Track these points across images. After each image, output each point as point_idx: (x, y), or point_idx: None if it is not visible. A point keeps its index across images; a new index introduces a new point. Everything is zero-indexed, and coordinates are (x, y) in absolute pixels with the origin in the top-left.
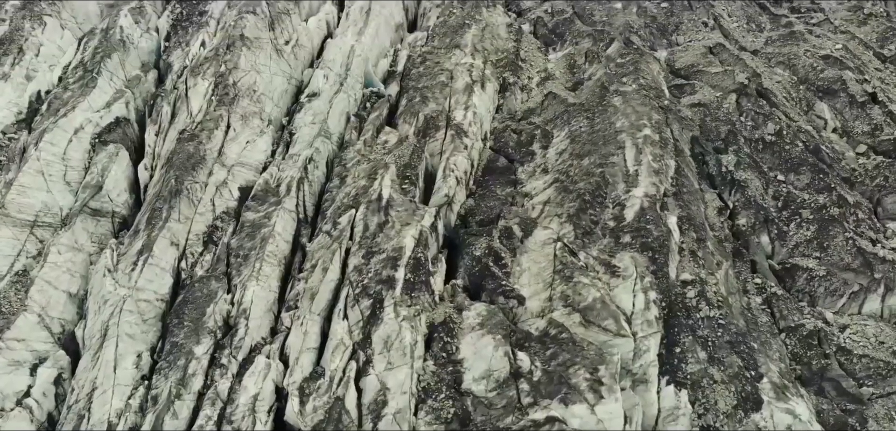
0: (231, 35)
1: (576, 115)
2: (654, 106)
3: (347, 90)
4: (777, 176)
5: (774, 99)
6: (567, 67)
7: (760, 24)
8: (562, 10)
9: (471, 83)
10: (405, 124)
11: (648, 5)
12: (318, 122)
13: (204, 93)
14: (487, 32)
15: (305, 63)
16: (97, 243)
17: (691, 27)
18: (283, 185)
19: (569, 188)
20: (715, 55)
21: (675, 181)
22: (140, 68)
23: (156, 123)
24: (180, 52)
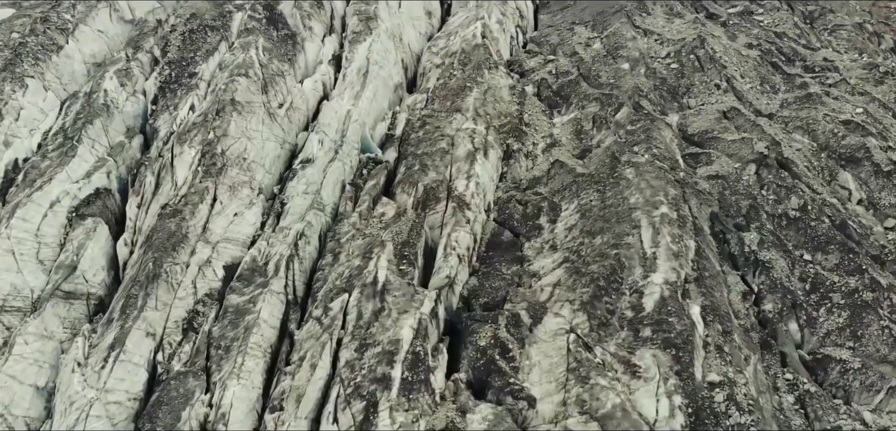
0: (221, 99)
1: (585, 186)
2: (669, 179)
3: (343, 158)
4: (803, 256)
5: (796, 169)
6: (574, 133)
7: (775, 86)
8: (566, 71)
9: (473, 151)
10: (404, 194)
11: (657, 67)
12: (312, 192)
13: (190, 163)
14: (489, 95)
15: (300, 126)
16: (70, 329)
17: (703, 89)
18: (271, 263)
19: (581, 270)
20: (730, 120)
21: (695, 264)
22: (125, 134)
23: (138, 195)
24: (168, 117)
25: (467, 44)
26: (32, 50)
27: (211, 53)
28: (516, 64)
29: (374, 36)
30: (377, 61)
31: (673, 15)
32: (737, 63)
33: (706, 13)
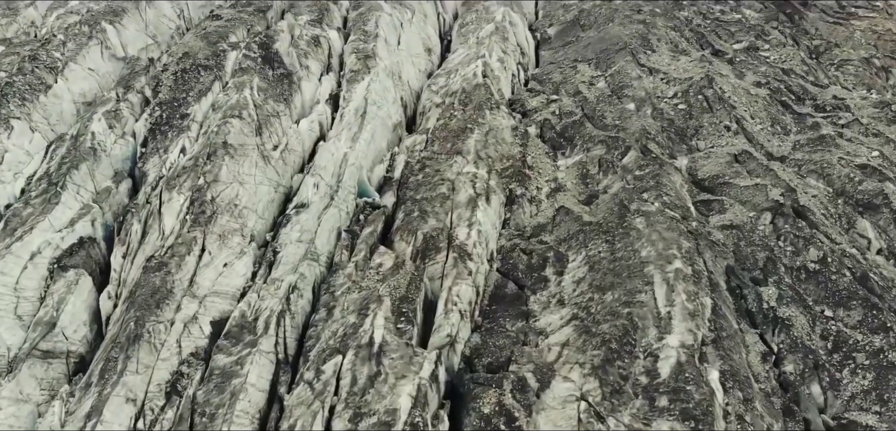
0: (213, 142)
1: (593, 236)
2: (682, 230)
3: (339, 203)
4: (824, 311)
5: (813, 218)
6: (579, 177)
7: (786, 126)
8: (570, 111)
9: (474, 196)
10: (402, 242)
11: (664, 107)
12: (306, 240)
13: (178, 210)
14: (491, 137)
15: (295, 168)
16: (48, 390)
17: (712, 131)
18: (261, 319)
19: (591, 330)
20: (741, 164)
21: (712, 324)
22: (112, 178)
23: (124, 244)
24: (157, 160)
25: (468, 83)
26: (19, 90)
27: (204, 94)
28: (518, 103)
29: (373, 75)
30: (375, 101)
31: (678, 52)
32: (746, 103)
33: (712, 50)
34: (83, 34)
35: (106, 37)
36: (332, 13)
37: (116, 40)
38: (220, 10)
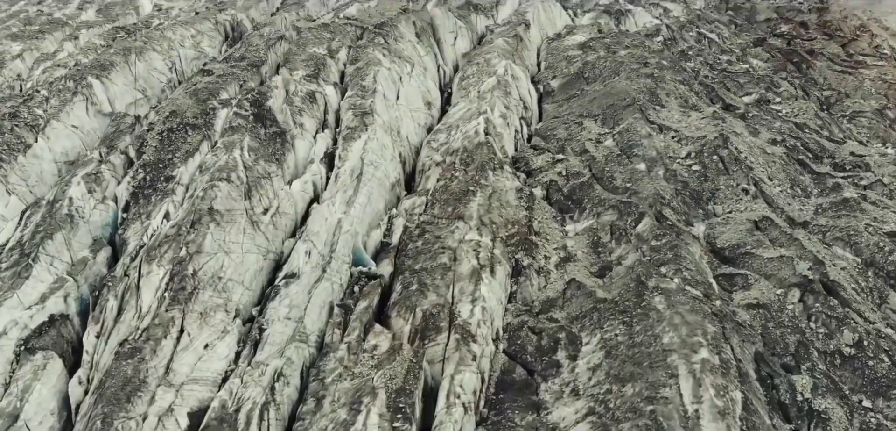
0: (198, 209)
1: (609, 316)
2: (706, 312)
3: (331, 275)
4: (863, 401)
5: (845, 294)
6: (590, 245)
7: (806, 188)
8: (577, 172)
9: (478, 268)
10: (400, 319)
11: (677, 168)
12: (295, 318)
13: (156, 286)
14: (495, 200)
15: (287, 232)
16: None
17: (730, 194)
18: (243, 411)
19: (610, 429)
20: (763, 232)
21: (744, 421)
22: (90, 246)
23: (98, 322)
24: (139, 227)
25: (469, 141)
26: None
27: (191, 154)
28: (522, 161)
29: (370, 132)
30: (373, 161)
31: (689, 107)
32: (763, 163)
33: (722, 104)
34: (68, 90)
35: (92, 92)
36: (329, 68)
37: (103, 95)
38: (213, 64)
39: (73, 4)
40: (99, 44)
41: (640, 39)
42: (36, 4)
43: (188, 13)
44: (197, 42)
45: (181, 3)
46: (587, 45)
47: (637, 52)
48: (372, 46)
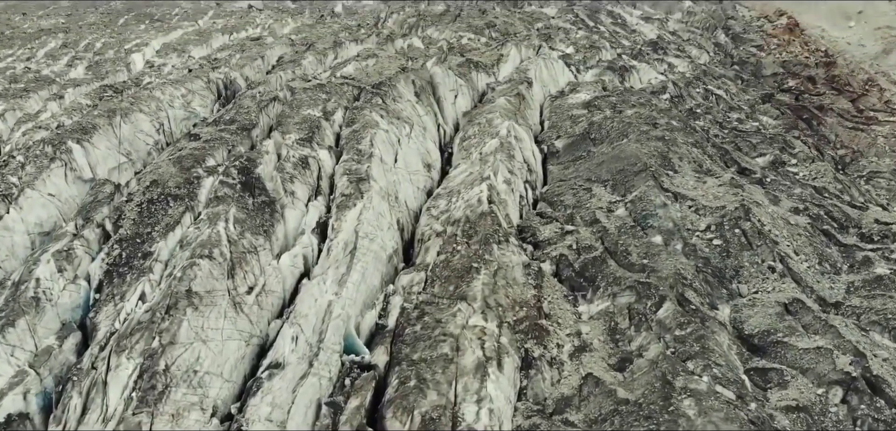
0: (175, 291)
1: (632, 421)
2: (742, 420)
3: (319, 370)
4: None
5: (890, 391)
6: (607, 332)
7: (834, 263)
8: (589, 245)
9: (484, 360)
10: (396, 422)
11: (697, 243)
12: (277, 420)
13: (124, 384)
14: (500, 278)
15: (273, 312)
16: None
17: (755, 272)
18: None
19: None
20: (794, 316)
21: None
22: (57, 332)
23: (60, 422)
24: (112, 310)
25: (472, 210)
26: None
27: (171, 228)
28: (529, 231)
29: (366, 201)
30: (368, 233)
31: (703, 172)
32: (788, 236)
33: (737, 168)
34: (46, 155)
35: (72, 157)
36: (324, 131)
37: (83, 161)
38: (200, 128)
39: (63, 61)
40: (84, 104)
41: (647, 97)
42: (24, 61)
43: (181, 70)
44: (187, 102)
45: (175, 59)
46: (592, 104)
47: (644, 111)
48: (369, 107)
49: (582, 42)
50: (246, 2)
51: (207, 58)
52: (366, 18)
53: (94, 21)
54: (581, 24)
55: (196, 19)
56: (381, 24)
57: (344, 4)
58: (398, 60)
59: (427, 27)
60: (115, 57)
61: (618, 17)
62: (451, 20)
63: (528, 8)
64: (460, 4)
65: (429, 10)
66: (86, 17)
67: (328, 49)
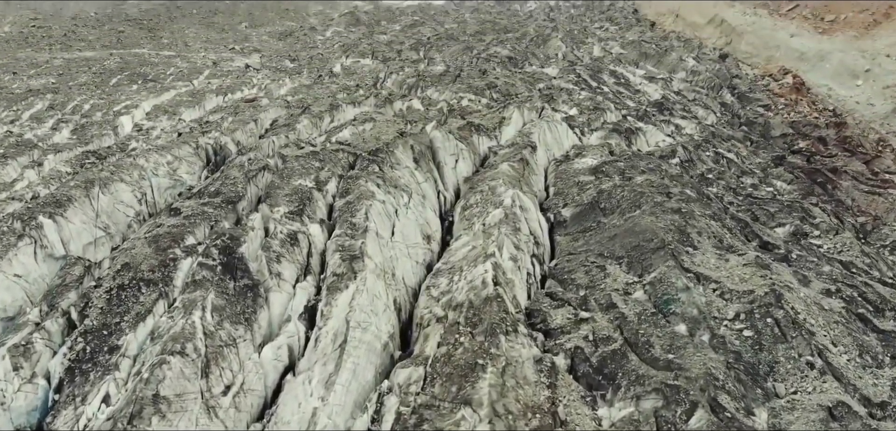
0: (141, 397)
1: None
2: None
3: None
4: None
5: None
6: None
7: (875, 354)
8: (607, 335)
9: None
10: None
11: (726, 334)
12: None
13: None
14: (509, 376)
15: (253, 414)
16: None
17: (792, 368)
18: None
19: None
20: (839, 422)
21: None
22: None
23: None
24: (71, 414)
25: (476, 293)
26: None
27: (142, 318)
28: (538, 316)
29: (359, 282)
30: (361, 322)
31: (724, 248)
32: (824, 324)
33: (759, 242)
34: (13, 232)
35: (42, 233)
36: (316, 202)
37: (56, 236)
38: (182, 202)
39: (48, 123)
40: (64, 172)
41: (656, 162)
42: (8, 124)
43: (170, 134)
44: (173, 169)
45: (165, 122)
46: (600, 170)
47: (655, 177)
48: (365, 176)
49: (586, 103)
50: (243, 61)
51: (199, 121)
52: (365, 79)
53: (86, 81)
54: (584, 85)
55: (191, 79)
56: (380, 84)
57: (343, 64)
58: (396, 124)
59: (427, 88)
60: (103, 120)
61: (621, 77)
62: (450, 81)
63: (529, 68)
64: (460, 65)
65: (428, 70)
66: (78, 76)
67: (324, 112)
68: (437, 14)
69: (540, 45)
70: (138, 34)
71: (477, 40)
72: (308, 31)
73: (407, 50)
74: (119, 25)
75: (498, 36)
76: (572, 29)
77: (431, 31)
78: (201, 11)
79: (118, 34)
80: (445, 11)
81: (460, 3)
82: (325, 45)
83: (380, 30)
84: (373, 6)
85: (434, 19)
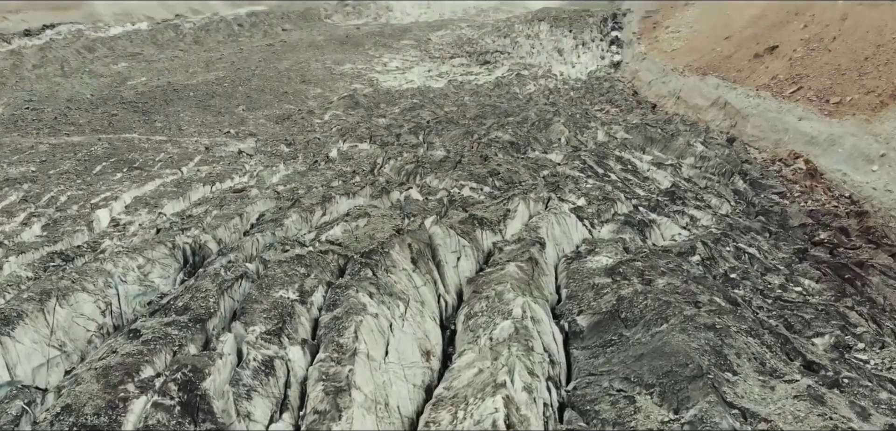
0: None
1: None
2: None
3: None
4: None
5: None
6: None
7: None
8: None
9: None
10: None
11: None
12: None
13: None
14: None
15: None
16: None
17: None
18: None
19: None
20: None
21: None
22: None
23: None
24: None
25: None
26: None
27: None
28: None
29: (344, 423)
30: None
31: (767, 373)
32: None
33: (802, 361)
34: None
35: None
36: (298, 318)
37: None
38: (144, 322)
39: (20, 217)
40: (25, 277)
41: (676, 261)
42: None
43: (148, 230)
44: (144, 273)
45: (144, 216)
46: (616, 272)
47: (678, 281)
48: (356, 285)
49: (594, 193)
50: (237, 146)
51: (181, 214)
52: (361, 164)
53: (68, 169)
54: (590, 172)
55: (180, 166)
56: (378, 169)
57: (339, 149)
58: (393, 219)
59: (426, 175)
60: (78, 213)
61: (628, 163)
62: (451, 167)
63: (532, 154)
64: (460, 150)
65: (427, 155)
66: (61, 163)
67: (315, 205)
68: (436, 97)
69: (542, 129)
70: (131, 118)
71: (477, 124)
72: (306, 115)
73: (406, 134)
74: (113, 109)
75: (499, 120)
76: (574, 113)
77: (431, 115)
78: (198, 94)
79: (111, 118)
80: (445, 94)
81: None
82: (323, 128)
83: (379, 113)
84: (372, 89)
85: (433, 102)
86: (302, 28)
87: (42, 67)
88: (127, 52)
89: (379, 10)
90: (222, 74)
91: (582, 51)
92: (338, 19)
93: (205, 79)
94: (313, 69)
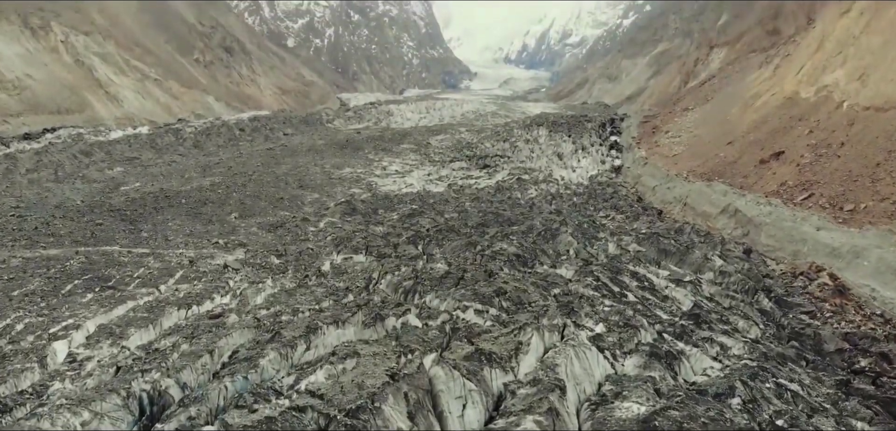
0: None
1: None
2: None
3: None
4: None
5: None
6: None
7: None
8: None
9: None
10: None
11: None
12: None
13: None
14: None
15: None
16: None
17: None
18: None
19: None
20: None
21: None
22: None
23: None
24: None
25: None
26: None
27: None
28: None
29: None
30: None
31: None
32: None
33: None
34: None
35: None
36: None
37: None
38: None
39: None
40: None
41: (717, 409)
42: None
43: (107, 368)
44: None
45: (105, 349)
46: (652, 425)
47: None
48: None
49: (613, 317)
50: (225, 258)
51: (148, 346)
52: (356, 279)
53: (35, 289)
54: (605, 290)
55: (158, 284)
56: (373, 286)
57: (333, 262)
58: (386, 360)
59: (426, 293)
60: (32, 346)
61: (644, 279)
62: (453, 285)
63: (540, 268)
64: (463, 264)
65: (427, 269)
66: (29, 282)
67: (298, 338)
68: (436, 202)
69: (549, 240)
70: (116, 227)
71: (480, 233)
72: (300, 222)
73: (404, 244)
74: (99, 217)
75: (502, 228)
76: (581, 221)
77: (431, 222)
78: (190, 201)
79: (94, 227)
80: (445, 199)
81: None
82: (317, 236)
83: (376, 220)
84: (370, 194)
85: (434, 207)
86: (303, 132)
87: (36, 172)
88: (124, 156)
89: (379, 115)
90: (218, 178)
91: (582, 155)
92: (339, 124)
93: (199, 185)
94: (311, 173)
